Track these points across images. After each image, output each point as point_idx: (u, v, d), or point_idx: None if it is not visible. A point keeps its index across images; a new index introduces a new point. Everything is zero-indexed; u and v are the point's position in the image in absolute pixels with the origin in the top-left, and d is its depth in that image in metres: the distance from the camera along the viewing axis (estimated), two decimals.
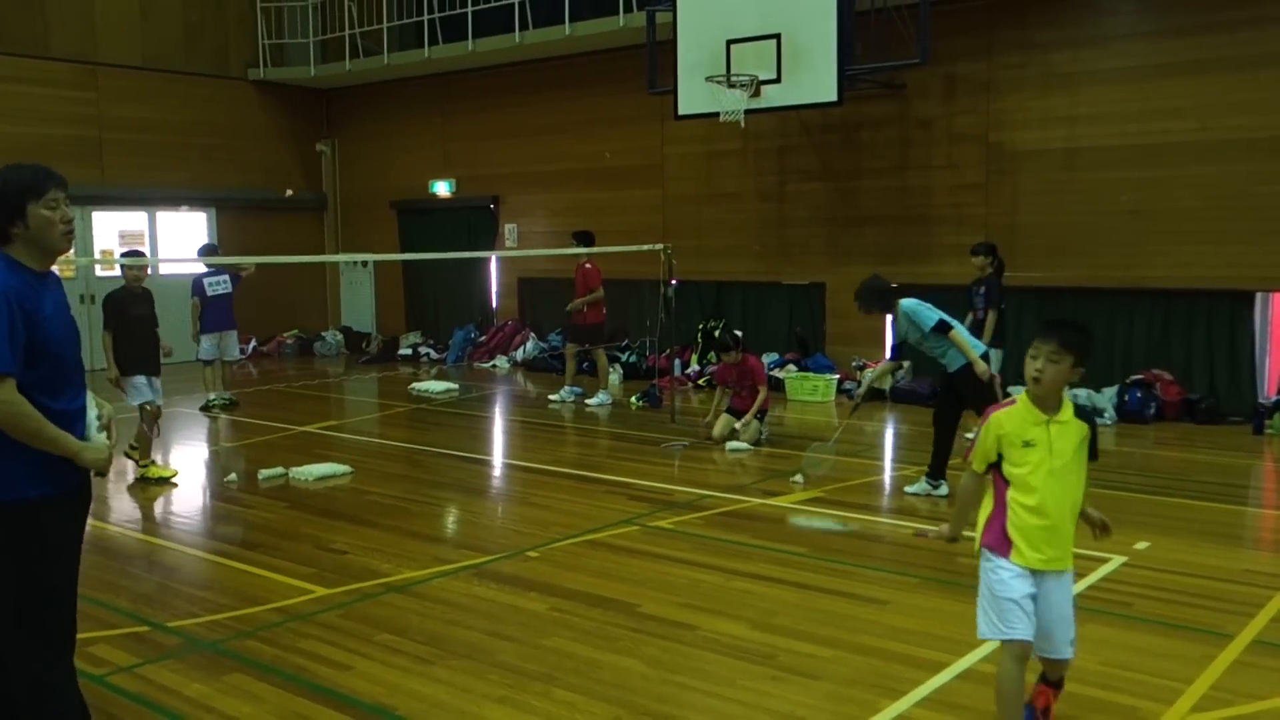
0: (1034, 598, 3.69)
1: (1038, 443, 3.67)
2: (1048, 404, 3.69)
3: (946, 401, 7.92)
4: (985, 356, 7.74)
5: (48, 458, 3.30)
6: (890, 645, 4.87)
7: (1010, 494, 3.72)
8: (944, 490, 7.70)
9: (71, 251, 3.51)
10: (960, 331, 7.65)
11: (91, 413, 3.49)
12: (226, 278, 12.06)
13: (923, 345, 7.84)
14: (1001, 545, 3.73)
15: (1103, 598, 5.50)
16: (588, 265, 12.34)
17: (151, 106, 16.49)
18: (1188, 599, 5.50)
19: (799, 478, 8.27)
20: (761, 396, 9.83)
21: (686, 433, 10.25)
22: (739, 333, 11.31)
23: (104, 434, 3.51)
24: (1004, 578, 3.69)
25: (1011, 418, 3.73)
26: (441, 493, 8.23)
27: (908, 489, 7.90)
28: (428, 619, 5.30)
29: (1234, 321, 10.91)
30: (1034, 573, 3.70)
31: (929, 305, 7.72)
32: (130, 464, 8.70)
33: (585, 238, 12.38)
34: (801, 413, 11.77)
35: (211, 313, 11.98)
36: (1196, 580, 5.80)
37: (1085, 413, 3.77)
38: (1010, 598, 3.66)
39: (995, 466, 3.79)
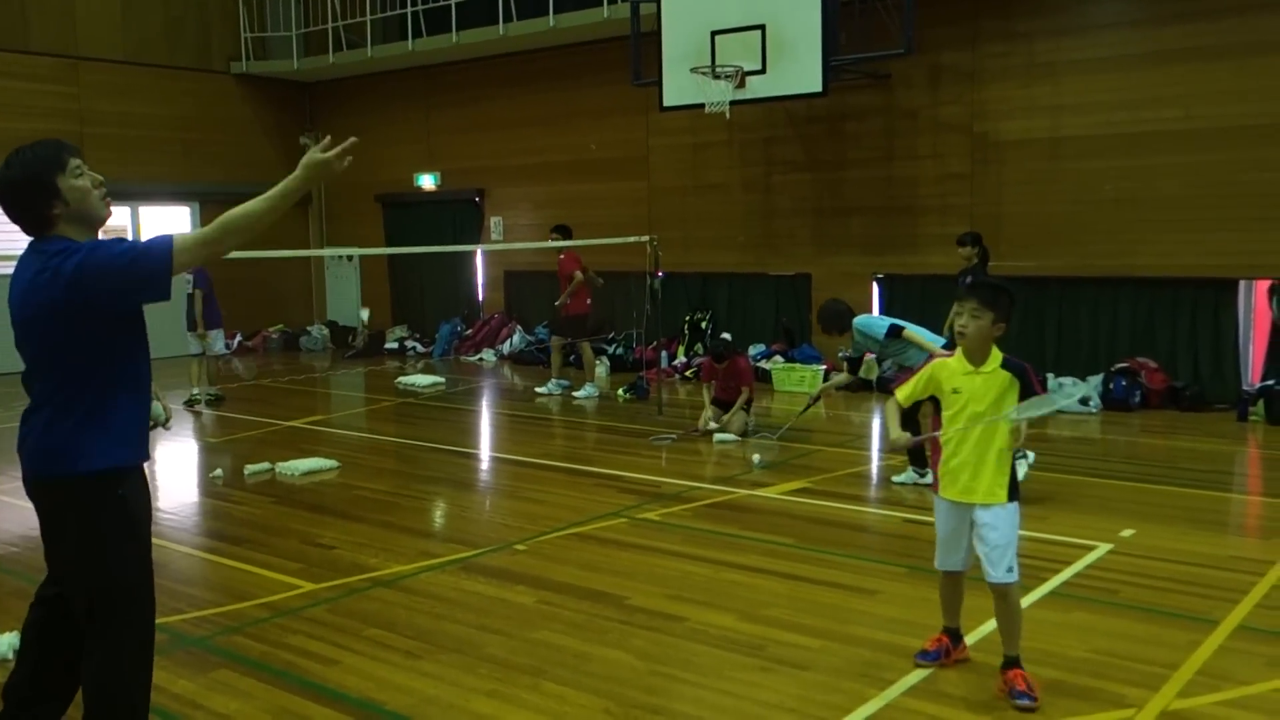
0: (964, 531, 4.26)
1: (963, 390, 4.19)
2: (975, 357, 4.19)
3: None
4: (950, 346, 7.75)
5: (132, 433, 3.27)
6: (879, 635, 4.88)
7: (940, 436, 4.28)
8: (929, 478, 7.71)
9: None
10: (913, 330, 7.77)
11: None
12: (194, 274, 11.90)
13: (886, 354, 8.05)
14: (935, 483, 4.40)
15: (1089, 585, 5.52)
16: (562, 257, 12.33)
17: (133, 101, 16.39)
18: (1174, 586, 5.52)
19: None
20: (744, 396, 9.81)
21: (674, 425, 10.24)
22: (727, 336, 11.31)
23: (156, 403, 3.53)
24: (937, 516, 4.38)
25: (945, 367, 4.28)
26: (429, 487, 8.22)
27: (895, 479, 7.91)
28: (416, 613, 5.29)
29: (1218, 309, 10.96)
30: (961, 506, 4.23)
31: (878, 316, 7.92)
32: None
33: (563, 230, 12.39)
34: (789, 404, 11.77)
35: (190, 309, 11.90)
36: (1182, 567, 5.82)
37: (1013, 364, 4.20)
38: (939, 535, 4.38)
39: (937, 415, 4.41)
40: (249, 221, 3.18)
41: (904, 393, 4.42)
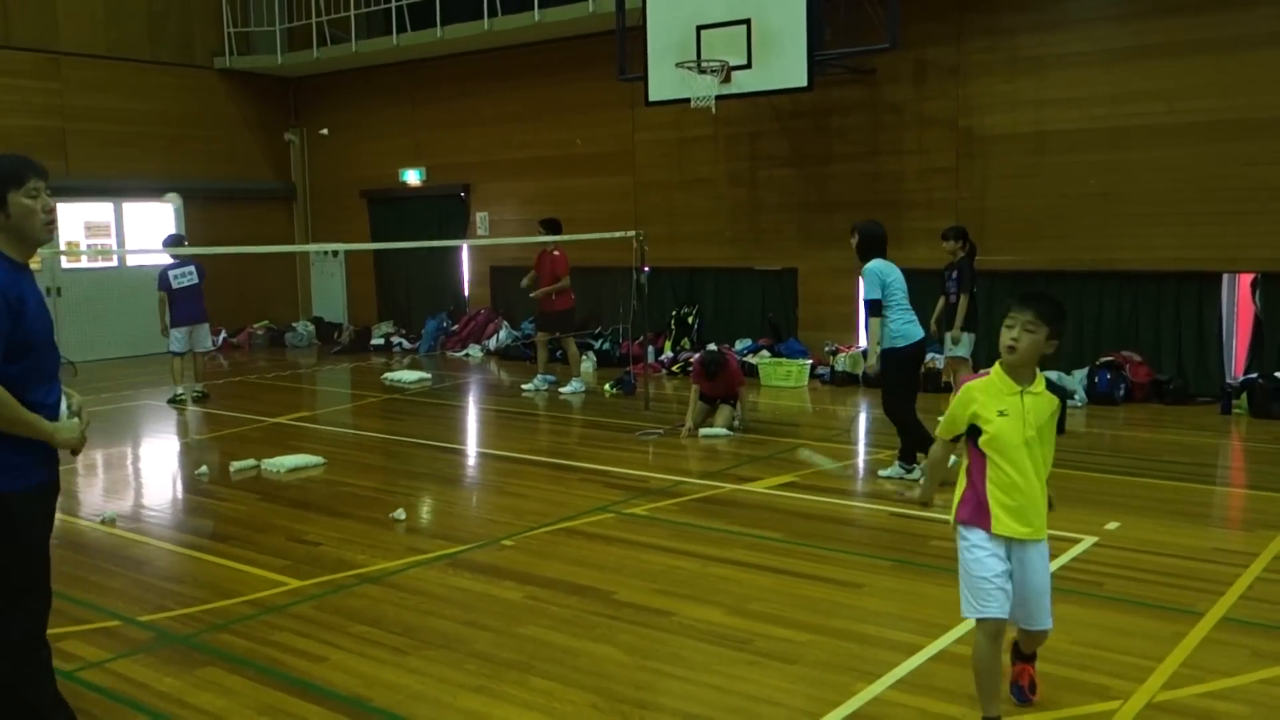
0: (1010, 574, 3.72)
1: (1011, 412, 3.67)
2: (1021, 375, 3.71)
3: (889, 384, 7.89)
4: (922, 342, 7.77)
5: (16, 452, 3.26)
6: (865, 628, 4.90)
7: (988, 466, 3.73)
8: (917, 473, 7.74)
9: None
10: (873, 328, 7.62)
11: (63, 402, 3.46)
12: (193, 269, 11.85)
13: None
14: (978, 518, 3.74)
15: (1074, 577, 5.54)
16: (555, 253, 12.31)
17: (116, 96, 16.28)
18: (1158, 578, 5.55)
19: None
20: (738, 397, 9.77)
21: (661, 420, 10.24)
22: (714, 348, 11.25)
23: (75, 419, 3.49)
24: (979, 556, 3.71)
25: (986, 390, 3.74)
26: (415, 483, 8.20)
27: (882, 473, 7.93)
28: (403, 609, 5.28)
29: (1202, 303, 11.02)
30: (1010, 545, 3.72)
31: (881, 282, 7.60)
32: (98, 458, 8.62)
33: (553, 225, 12.36)
34: (775, 398, 11.79)
35: (180, 306, 11.78)
36: (1166, 559, 5.85)
37: (1056, 387, 3.80)
38: (984, 575, 3.68)
39: (971, 440, 3.78)
40: (2, 418, 3.21)
41: (944, 429, 3.93)
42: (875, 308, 7.61)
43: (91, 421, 3.64)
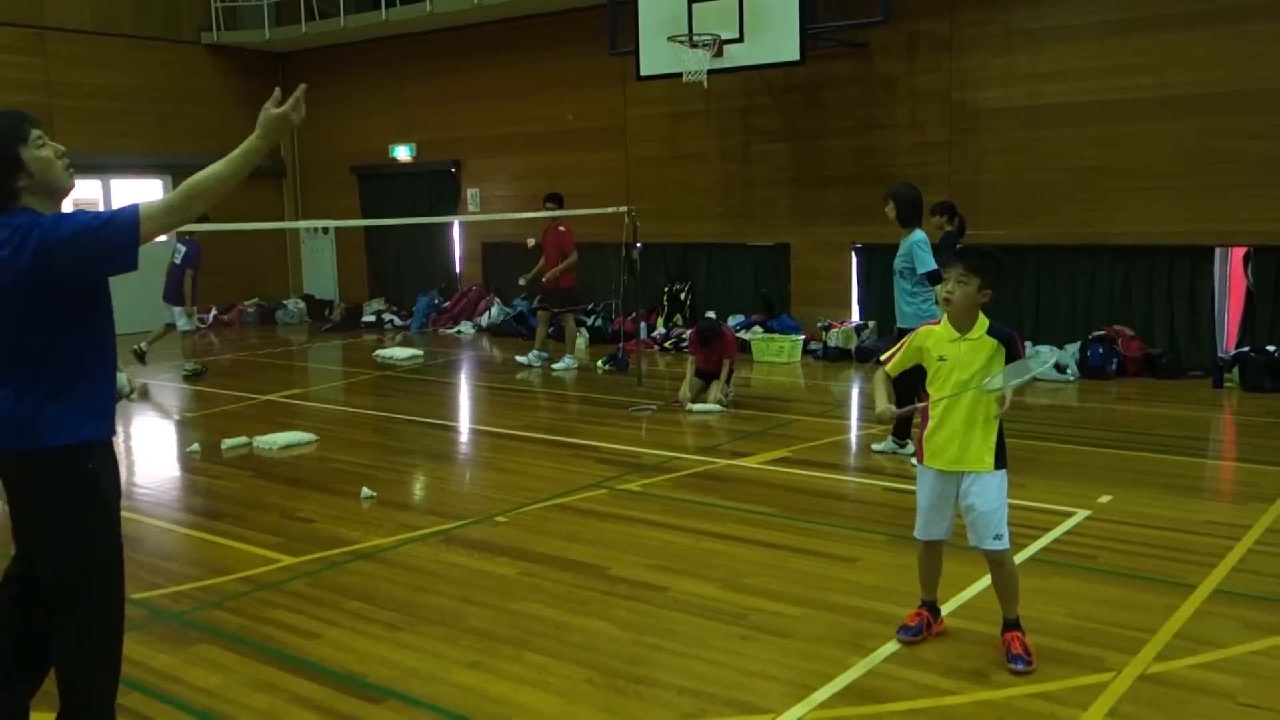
0: (944, 501, 4.25)
1: (949, 357, 4.15)
2: (961, 323, 4.16)
3: None
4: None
5: (100, 406, 3.23)
6: (859, 602, 4.91)
7: (928, 406, 4.20)
8: (910, 449, 7.73)
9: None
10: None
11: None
12: (184, 249, 11.78)
13: (897, 278, 7.70)
14: (920, 453, 4.30)
15: (1067, 551, 5.56)
16: (561, 228, 12.23)
17: (102, 72, 16.14)
18: (1150, 550, 5.57)
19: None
20: (726, 368, 9.78)
21: (654, 396, 10.23)
22: (711, 314, 11.25)
23: (120, 373, 3.49)
24: (920, 485, 4.32)
25: (932, 335, 4.24)
26: (408, 459, 8.18)
27: (875, 447, 7.93)
28: (396, 586, 5.27)
29: (1194, 277, 11.03)
30: (948, 475, 4.20)
31: (931, 249, 7.51)
32: None
33: (558, 199, 12.27)
34: (768, 374, 11.79)
35: (166, 282, 11.79)
36: (1159, 532, 5.87)
37: (1000, 330, 4.16)
38: (921, 504, 4.32)
39: (920, 382, 4.29)
40: (214, 185, 3.15)
41: (892, 363, 4.35)
42: (937, 278, 7.46)
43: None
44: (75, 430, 3.17)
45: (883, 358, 4.45)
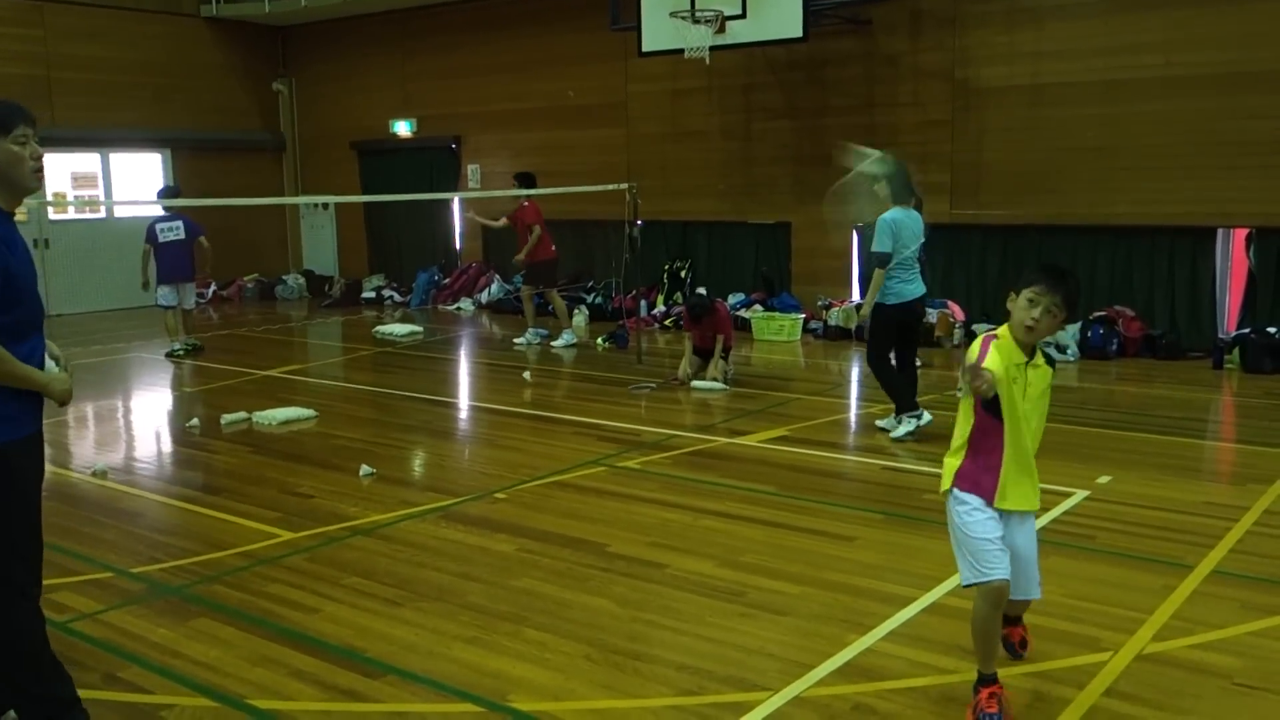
0: (1003, 538, 3.64)
1: (1017, 383, 3.59)
2: (1028, 348, 3.62)
3: (873, 337, 7.78)
4: (914, 303, 7.65)
5: (12, 403, 3.22)
6: (857, 581, 4.91)
7: (1004, 431, 3.62)
8: (928, 419, 7.67)
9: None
10: (876, 280, 7.46)
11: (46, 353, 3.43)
12: (180, 224, 11.62)
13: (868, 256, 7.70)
14: (977, 485, 3.66)
15: (1065, 531, 5.56)
16: (524, 204, 12.19)
17: (101, 44, 16.05)
18: (1149, 531, 5.58)
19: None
20: (719, 344, 9.77)
21: (653, 373, 10.23)
22: (703, 290, 11.24)
23: (63, 371, 3.46)
24: (979, 519, 3.62)
25: (1001, 351, 3.58)
26: (407, 435, 8.18)
27: (879, 422, 7.91)
28: (396, 562, 5.28)
29: (1195, 257, 11.00)
30: (1002, 514, 3.65)
31: (893, 232, 7.39)
32: (89, 410, 8.60)
33: (526, 179, 12.23)
34: (768, 352, 11.78)
35: (165, 261, 11.59)
36: (1157, 513, 5.88)
37: (1050, 358, 3.72)
38: (985, 537, 3.60)
39: (982, 404, 3.63)
40: (1, 373, 3.15)
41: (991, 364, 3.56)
42: (883, 260, 7.44)
43: (74, 373, 3.61)
44: None
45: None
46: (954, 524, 3.69)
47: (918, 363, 8.00)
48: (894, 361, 7.79)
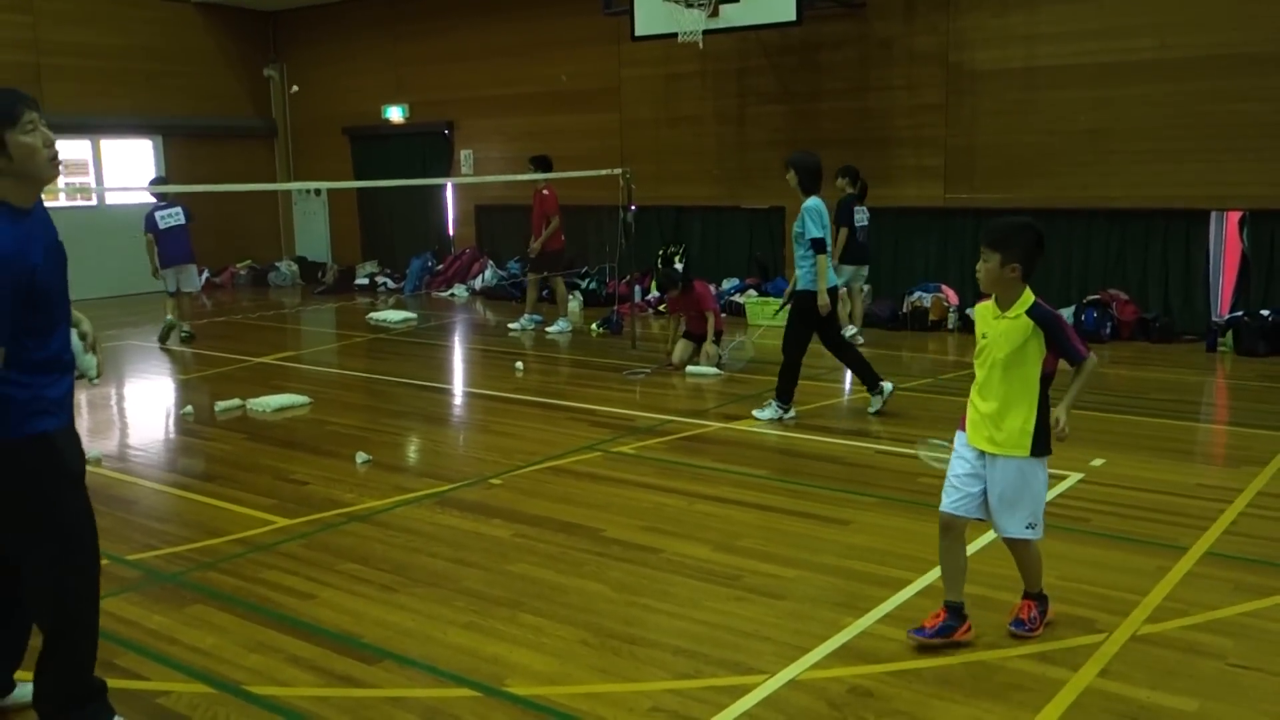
0: (974, 478, 4.02)
1: (990, 334, 4.00)
2: (1001, 300, 3.99)
3: (798, 325, 7.80)
4: (834, 289, 7.76)
5: (53, 394, 3.21)
6: (852, 564, 4.93)
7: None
8: (793, 414, 7.73)
9: None
10: (823, 266, 7.49)
11: (74, 334, 3.40)
12: (179, 210, 11.65)
13: (795, 243, 7.69)
14: (961, 423, 4.11)
15: (1060, 513, 5.57)
16: (545, 192, 12.18)
17: (92, 30, 15.94)
18: (1143, 513, 5.59)
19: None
20: (712, 322, 9.80)
21: (648, 359, 10.22)
22: (677, 267, 11.23)
23: (91, 355, 3.45)
24: (953, 456, 4.09)
25: (980, 310, 4.12)
26: (402, 422, 8.18)
27: (756, 413, 7.85)
28: (391, 547, 5.28)
29: (1189, 241, 11.01)
30: (980, 455, 4.01)
31: (825, 217, 7.54)
32: (83, 398, 8.58)
33: (543, 162, 12.20)
34: (761, 337, 11.77)
35: (166, 247, 11.56)
36: (1151, 495, 5.90)
37: (1042, 312, 3.95)
38: (951, 472, 4.07)
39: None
40: None
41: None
42: (821, 245, 7.49)
43: (105, 357, 3.61)
44: (24, 426, 3.14)
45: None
46: None
47: (860, 340, 8.02)
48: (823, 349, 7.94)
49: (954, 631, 4.03)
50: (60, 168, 3.23)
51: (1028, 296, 3.94)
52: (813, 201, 7.59)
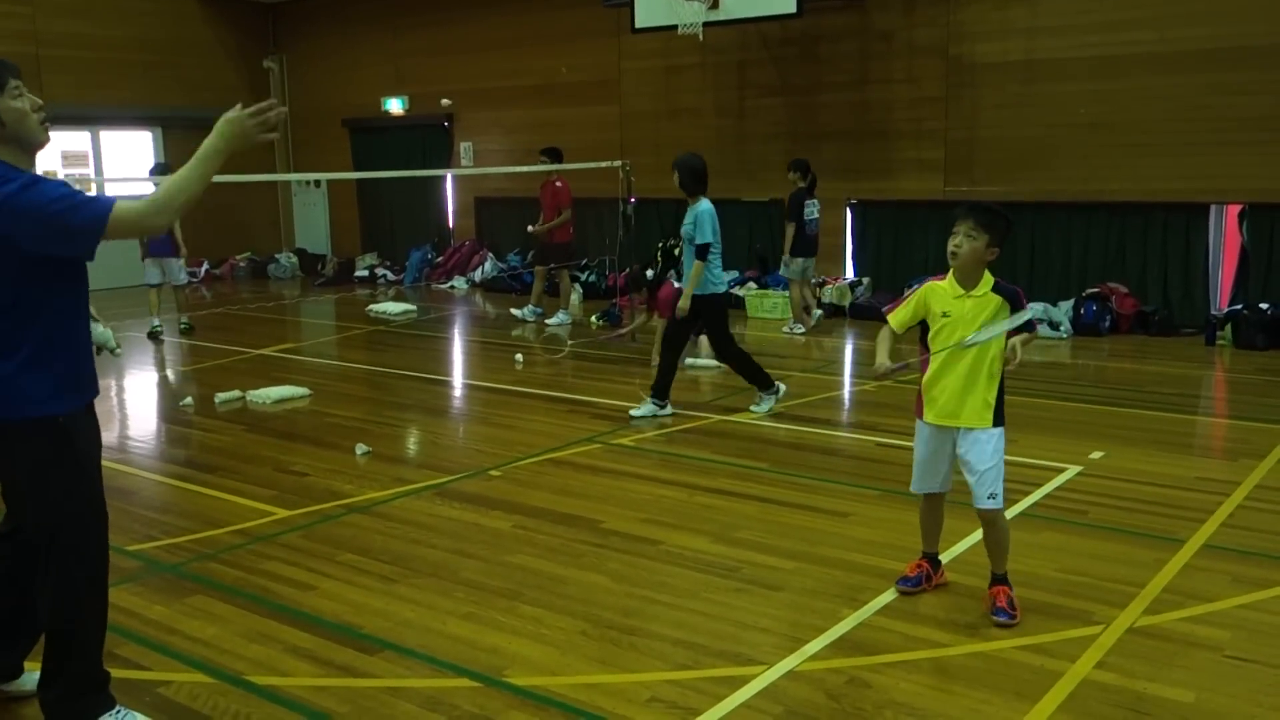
0: (940, 457, 4.27)
1: (952, 313, 4.10)
2: (967, 280, 4.12)
3: (679, 325, 7.75)
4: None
5: (76, 372, 3.21)
6: (851, 556, 4.94)
7: (930, 360, 4.18)
8: (669, 410, 7.70)
9: None
10: (697, 271, 7.41)
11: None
12: None
13: (685, 243, 7.67)
14: (918, 407, 4.28)
15: (1059, 506, 5.59)
16: (558, 184, 12.16)
17: (91, 21, 15.91)
18: (1141, 506, 5.60)
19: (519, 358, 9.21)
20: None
21: (646, 350, 10.21)
22: (648, 273, 11.21)
23: (104, 329, 3.50)
24: (917, 440, 4.32)
25: (936, 290, 4.19)
26: (402, 414, 8.18)
27: (633, 413, 7.69)
28: (391, 539, 5.29)
29: (1189, 234, 11.01)
30: (944, 430, 4.20)
31: (713, 223, 7.46)
32: None
33: (555, 154, 12.17)
34: (761, 330, 11.78)
35: (149, 238, 11.58)
36: (1150, 488, 5.90)
37: (1005, 287, 4.13)
38: (918, 459, 4.34)
39: (922, 338, 4.25)
40: (182, 191, 3.10)
41: (897, 318, 4.27)
42: (704, 252, 7.44)
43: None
44: (50, 403, 3.14)
45: (885, 310, 4.37)
46: None
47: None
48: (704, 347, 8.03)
49: (933, 578, 4.48)
50: (49, 131, 3.25)
51: (988, 275, 4.16)
52: (706, 205, 7.52)
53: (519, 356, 10.07)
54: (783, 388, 7.91)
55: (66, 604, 3.29)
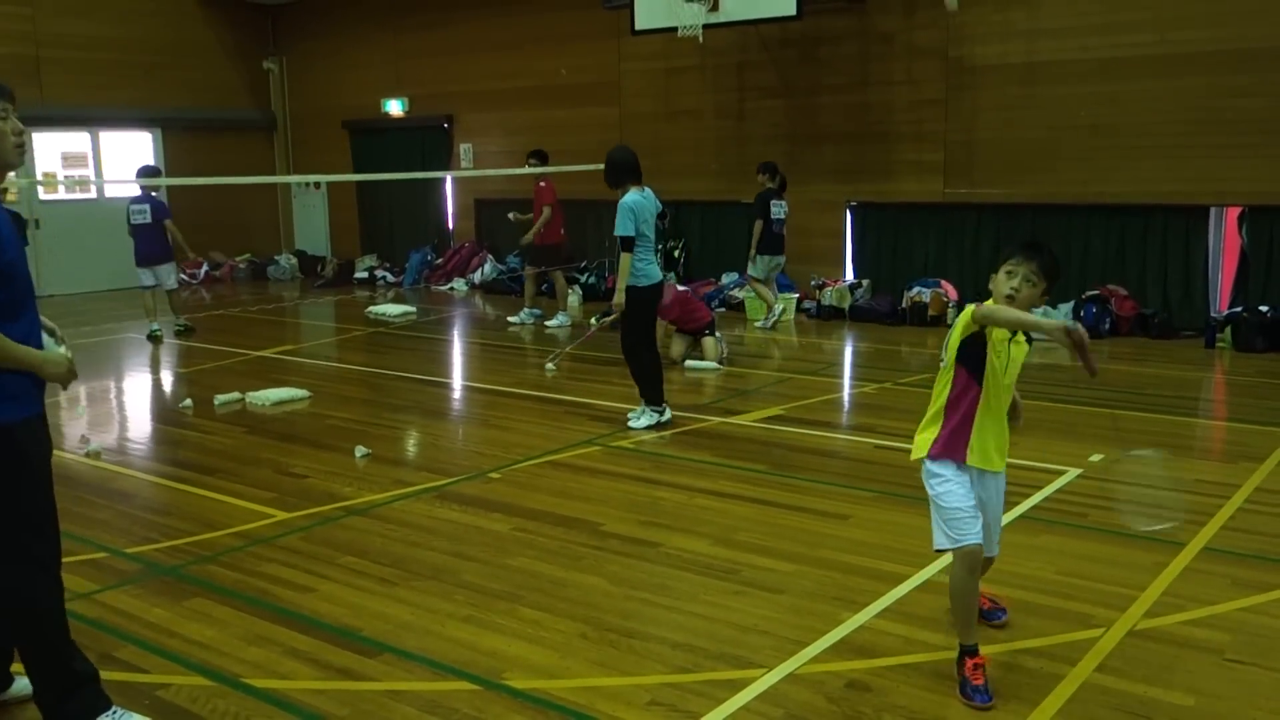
0: (980, 502, 3.77)
1: (1001, 354, 3.69)
2: None
3: (629, 324, 7.56)
4: (660, 284, 7.57)
5: (15, 381, 3.20)
6: (850, 559, 4.93)
7: (980, 398, 3.69)
8: (669, 415, 7.54)
9: (12, 174, 3.37)
10: (624, 265, 7.29)
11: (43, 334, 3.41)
12: (147, 207, 11.35)
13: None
14: (950, 451, 3.73)
15: (1058, 509, 5.58)
16: (542, 184, 12.20)
17: (91, 22, 15.91)
18: (1140, 509, 5.60)
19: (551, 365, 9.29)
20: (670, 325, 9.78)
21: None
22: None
23: (61, 347, 3.45)
24: (951, 489, 3.71)
25: (997, 337, 3.68)
26: (401, 416, 8.18)
27: (631, 420, 7.55)
28: (390, 541, 5.29)
29: (1189, 236, 11.01)
30: (977, 475, 3.75)
31: (634, 215, 7.26)
32: (81, 390, 8.58)
33: (539, 156, 12.23)
34: (761, 332, 11.78)
35: (138, 244, 11.44)
36: (1149, 490, 5.90)
37: (1030, 336, 3.79)
38: (958, 505, 3.69)
39: (967, 370, 3.69)
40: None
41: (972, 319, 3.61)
42: (629, 244, 7.28)
43: (74, 352, 3.60)
44: None
45: (978, 303, 3.66)
46: (931, 494, 3.79)
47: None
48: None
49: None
50: (24, 155, 3.32)
51: None
52: (628, 197, 7.34)
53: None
54: (669, 415, 7.53)
55: (21, 609, 3.30)
